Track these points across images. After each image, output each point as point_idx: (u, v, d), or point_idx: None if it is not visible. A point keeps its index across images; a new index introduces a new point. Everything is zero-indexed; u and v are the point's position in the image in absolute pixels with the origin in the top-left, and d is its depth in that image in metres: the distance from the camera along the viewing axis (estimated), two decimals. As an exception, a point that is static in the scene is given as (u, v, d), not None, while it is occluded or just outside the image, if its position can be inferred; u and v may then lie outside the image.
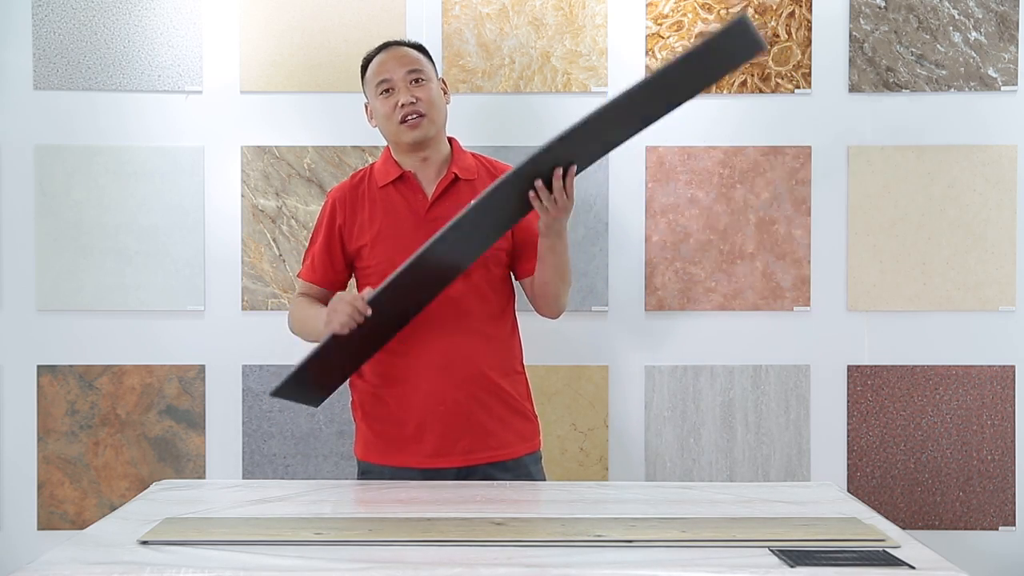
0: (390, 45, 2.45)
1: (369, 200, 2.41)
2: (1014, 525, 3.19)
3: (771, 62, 3.18)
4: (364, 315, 2.18)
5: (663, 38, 3.18)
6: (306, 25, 3.19)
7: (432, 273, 2.21)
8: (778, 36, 3.18)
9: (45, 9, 3.17)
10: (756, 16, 3.17)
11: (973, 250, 3.18)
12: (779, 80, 3.18)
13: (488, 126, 3.18)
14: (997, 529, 3.19)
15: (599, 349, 3.20)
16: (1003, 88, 3.18)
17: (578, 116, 2.00)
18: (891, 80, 3.18)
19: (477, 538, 1.72)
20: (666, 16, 3.18)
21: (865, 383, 3.20)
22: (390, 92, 2.38)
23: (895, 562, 1.60)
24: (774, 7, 3.18)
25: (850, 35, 3.18)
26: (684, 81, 2.01)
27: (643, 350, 3.20)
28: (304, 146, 3.19)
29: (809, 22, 3.18)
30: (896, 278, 3.19)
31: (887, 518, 2.02)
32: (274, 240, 3.19)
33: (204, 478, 3.16)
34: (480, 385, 2.34)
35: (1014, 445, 3.19)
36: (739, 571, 1.56)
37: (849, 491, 3.14)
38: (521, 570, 1.56)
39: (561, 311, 2.46)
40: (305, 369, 2.28)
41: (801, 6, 3.18)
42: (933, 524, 3.19)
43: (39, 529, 3.19)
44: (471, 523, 1.82)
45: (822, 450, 3.20)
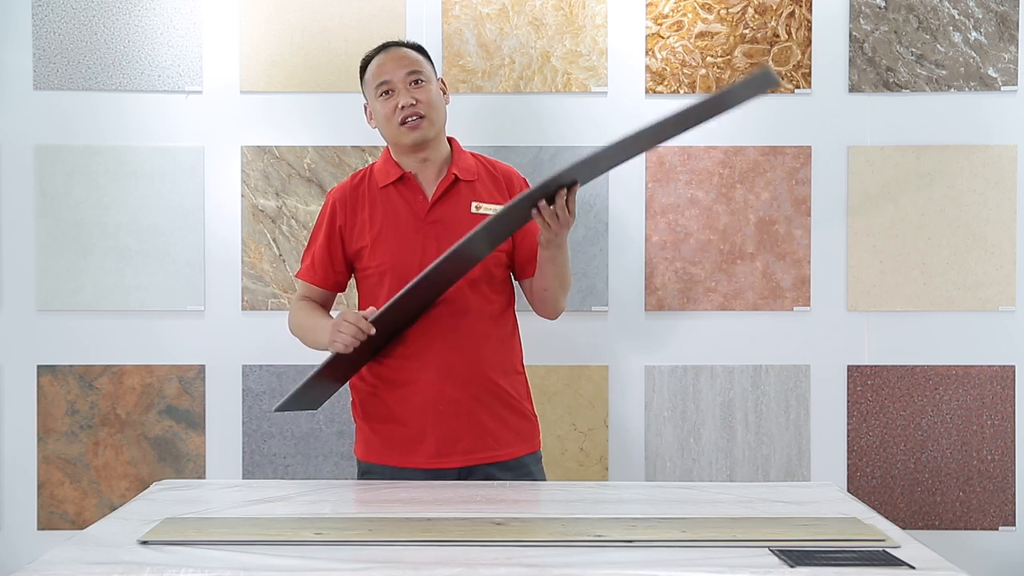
0: (389, 46, 2.44)
1: (369, 201, 2.40)
2: (1014, 525, 3.19)
3: (771, 62, 3.18)
4: (368, 335, 2.20)
5: (663, 38, 3.18)
6: (306, 25, 3.19)
7: (433, 287, 2.26)
8: (778, 36, 3.18)
9: (45, 9, 3.17)
10: (756, 16, 3.17)
11: (973, 250, 3.18)
12: (779, 80, 3.17)
13: (488, 126, 3.18)
14: (997, 529, 3.19)
15: (599, 349, 3.20)
16: (1003, 88, 3.17)
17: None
18: (891, 80, 3.18)
19: (477, 538, 1.72)
20: (666, 16, 3.18)
21: (865, 383, 3.20)
22: (390, 94, 2.37)
23: (895, 562, 1.60)
24: (774, 7, 3.18)
25: (850, 35, 3.18)
26: (698, 118, 2.05)
27: (643, 350, 3.20)
28: (304, 146, 3.19)
29: (809, 22, 3.18)
30: (896, 278, 3.19)
31: (887, 518, 2.02)
32: (274, 240, 3.19)
33: (204, 478, 3.16)
34: (480, 385, 2.34)
35: (1014, 445, 3.19)
36: (739, 571, 1.56)
37: (849, 491, 3.14)
38: (521, 570, 1.56)
39: (559, 313, 2.47)
40: (308, 386, 2.35)
41: (801, 6, 3.18)
42: (933, 524, 3.19)
43: (39, 529, 3.19)
44: (471, 523, 1.82)
45: (822, 450, 3.20)
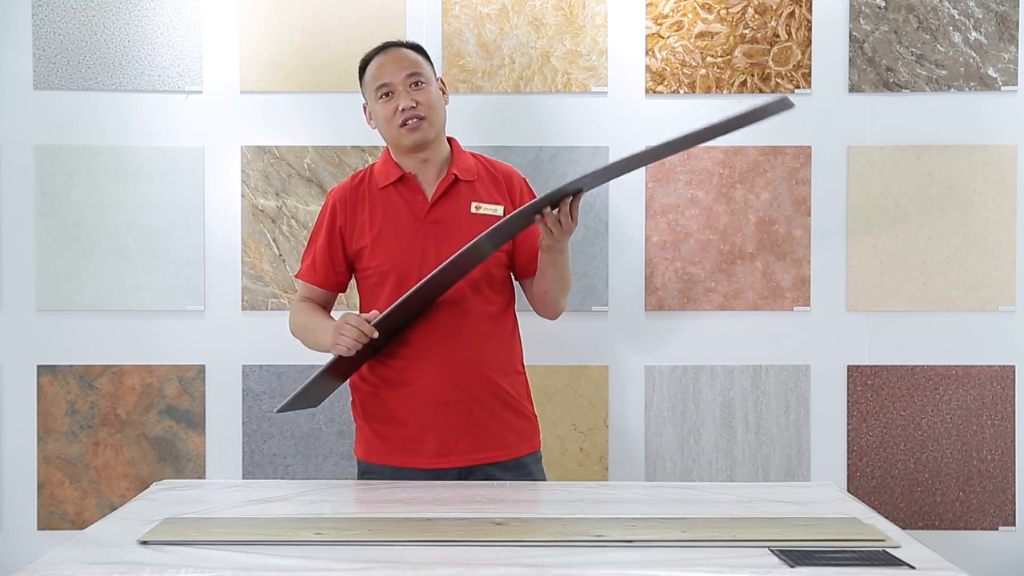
0: (388, 47, 2.43)
1: (369, 201, 2.40)
2: (1014, 525, 3.19)
3: (771, 62, 3.18)
4: (371, 338, 2.21)
5: (663, 38, 3.18)
6: (306, 25, 3.19)
7: (435, 289, 2.27)
8: (778, 36, 3.18)
9: (45, 9, 3.17)
10: (756, 16, 3.17)
11: (973, 250, 3.18)
12: (779, 80, 3.17)
13: (488, 126, 3.18)
14: (997, 529, 3.19)
15: (599, 349, 3.20)
16: (1003, 88, 3.17)
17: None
18: (891, 80, 3.18)
19: (477, 538, 1.72)
20: (666, 16, 3.18)
21: (865, 383, 3.19)
22: (390, 96, 2.37)
23: (895, 562, 1.60)
24: (774, 7, 3.18)
25: (850, 35, 3.18)
26: (709, 137, 2.08)
27: (643, 350, 3.20)
28: (304, 146, 3.19)
29: (809, 22, 3.18)
30: (896, 278, 3.19)
31: (887, 518, 2.02)
32: (274, 240, 3.19)
33: (204, 478, 3.15)
34: (481, 385, 2.34)
35: (1014, 445, 3.19)
36: (739, 571, 1.56)
37: (849, 491, 3.14)
38: (521, 570, 1.56)
39: (560, 314, 2.48)
40: (310, 386, 2.36)
41: (801, 6, 3.18)
42: (933, 524, 3.19)
43: (39, 529, 3.19)
44: (471, 523, 1.82)
45: (822, 450, 3.20)
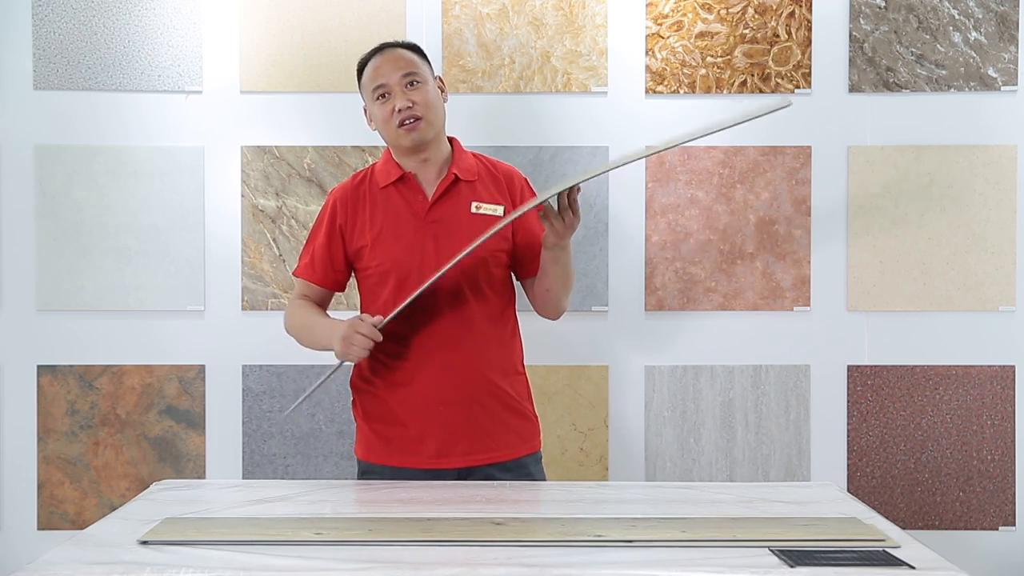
0: (384, 48, 2.42)
1: (370, 201, 2.40)
2: (1014, 525, 3.19)
3: (771, 62, 3.18)
4: (377, 342, 2.24)
5: (663, 38, 3.18)
6: (306, 25, 3.19)
7: (436, 288, 2.29)
8: (778, 36, 3.18)
9: (45, 9, 3.17)
10: (756, 16, 3.17)
11: (973, 250, 3.18)
12: (779, 80, 3.17)
13: (488, 126, 3.18)
14: (997, 529, 3.19)
15: (599, 349, 3.20)
16: (1003, 88, 3.17)
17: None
18: (891, 80, 3.18)
19: (477, 538, 1.72)
20: (666, 16, 3.18)
21: (865, 383, 3.19)
22: (386, 97, 2.37)
23: (895, 562, 1.60)
24: (774, 7, 3.18)
25: (850, 35, 3.18)
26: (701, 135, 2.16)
27: (643, 350, 3.20)
28: (304, 146, 3.19)
29: (809, 22, 3.18)
30: (896, 278, 3.19)
31: (887, 518, 2.02)
32: (274, 240, 3.19)
33: (204, 478, 3.15)
34: (481, 386, 2.34)
35: (1014, 445, 3.19)
36: (739, 571, 1.56)
37: (849, 491, 3.14)
38: (521, 570, 1.56)
39: (561, 313, 2.48)
40: (317, 390, 2.42)
41: (801, 6, 3.18)
42: (933, 524, 3.19)
43: (39, 529, 3.19)
44: (471, 523, 1.82)
45: (822, 450, 3.20)
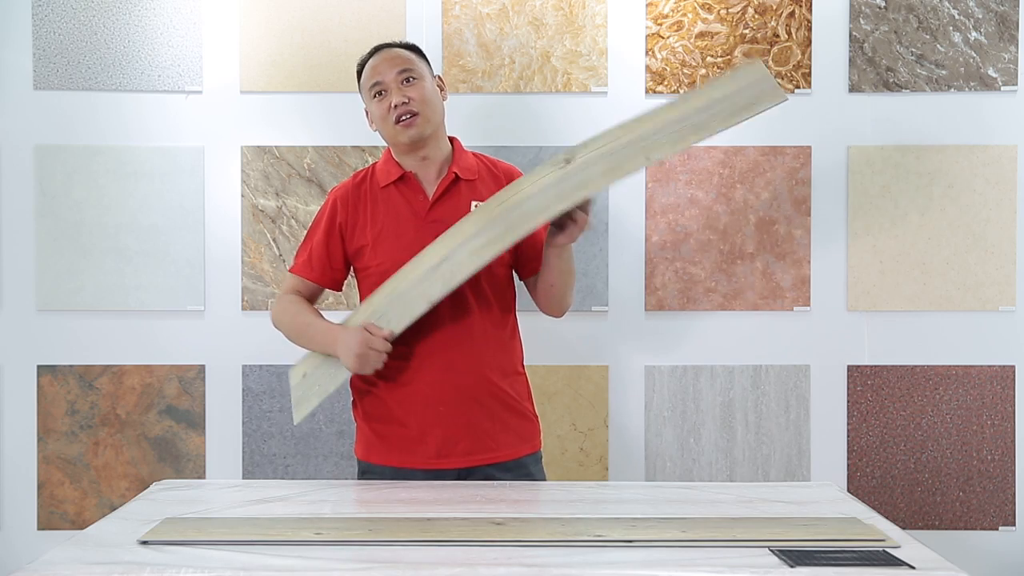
0: (381, 48, 2.44)
1: (371, 200, 2.41)
2: (1014, 525, 3.19)
3: (771, 62, 3.18)
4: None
5: (663, 38, 3.18)
6: (306, 25, 3.19)
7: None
8: (778, 36, 3.18)
9: (45, 9, 3.17)
10: (756, 16, 3.17)
11: (973, 250, 3.18)
12: (779, 80, 3.17)
13: (488, 126, 3.18)
14: (997, 529, 3.19)
15: (599, 349, 3.20)
16: (1003, 88, 3.17)
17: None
18: (891, 80, 3.18)
19: (477, 538, 1.72)
20: (666, 16, 3.18)
21: (865, 383, 3.20)
22: (383, 94, 2.38)
23: (895, 562, 1.60)
24: (774, 7, 3.18)
25: (850, 35, 3.18)
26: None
27: (643, 350, 3.20)
28: (304, 146, 3.19)
29: (809, 22, 3.18)
30: (896, 278, 3.19)
31: (887, 518, 2.02)
32: (274, 240, 3.19)
33: (204, 478, 3.16)
34: (481, 386, 2.34)
35: (1014, 445, 3.19)
36: (739, 571, 1.56)
37: (849, 491, 3.14)
38: (521, 570, 1.56)
39: (566, 310, 2.47)
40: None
41: (801, 6, 3.18)
42: (933, 524, 3.19)
43: (39, 529, 3.19)
44: (471, 523, 1.82)
45: (822, 450, 3.20)
